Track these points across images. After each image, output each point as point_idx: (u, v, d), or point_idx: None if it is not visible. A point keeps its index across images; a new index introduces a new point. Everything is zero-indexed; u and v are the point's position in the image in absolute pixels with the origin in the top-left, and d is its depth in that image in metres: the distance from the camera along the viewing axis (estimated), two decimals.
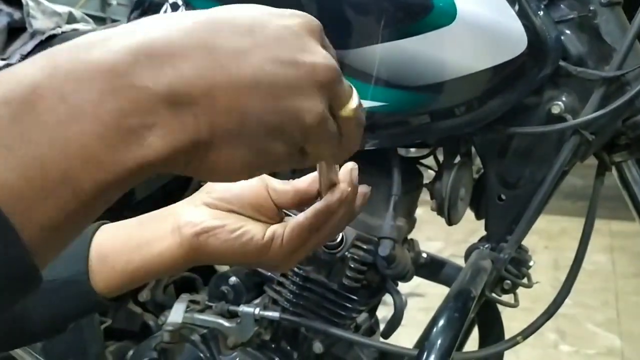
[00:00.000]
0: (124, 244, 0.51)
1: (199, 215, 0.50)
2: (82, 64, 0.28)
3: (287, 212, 0.52)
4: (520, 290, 0.83)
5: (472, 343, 0.97)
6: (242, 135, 0.32)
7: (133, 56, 0.29)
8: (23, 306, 0.49)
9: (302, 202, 0.50)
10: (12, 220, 0.25)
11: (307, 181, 0.50)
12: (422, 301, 2.40)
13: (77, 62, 0.28)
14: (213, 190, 0.51)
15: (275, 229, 0.49)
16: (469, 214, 0.86)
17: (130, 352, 0.89)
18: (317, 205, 0.47)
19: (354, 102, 0.38)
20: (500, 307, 0.89)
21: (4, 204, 0.25)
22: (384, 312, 0.91)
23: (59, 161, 0.26)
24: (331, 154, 0.39)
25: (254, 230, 0.49)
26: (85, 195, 0.27)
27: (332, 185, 0.47)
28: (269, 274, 0.83)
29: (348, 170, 0.49)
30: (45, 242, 0.27)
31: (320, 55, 0.34)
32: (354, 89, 0.38)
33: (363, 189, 0.51)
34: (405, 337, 0.94)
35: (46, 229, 0.27)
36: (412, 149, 0.90)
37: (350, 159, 0.59)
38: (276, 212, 0.51)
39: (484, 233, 0.82)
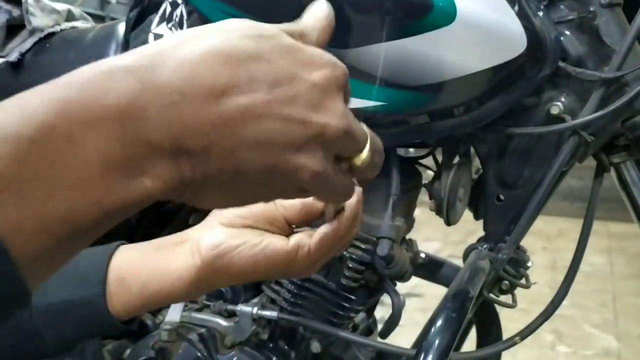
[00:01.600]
0: (142, 268, 0.51)
1: (218, 236, 0.50)
2: (92, 107, 0.28)
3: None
4: (518, 291, 0.83)
5: (470, 344, 0.97)
6: (232, 186, 0.33)
7: (140, 107, 0.29)
8: (35, 325, 0.50)
9: (309, 215, 0.51)
10: (8, 247, 0.26)
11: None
12: (420, 301, 2.40)
13: (87, 104, 0.28)
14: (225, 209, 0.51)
15: (299, 238, 0.49)
16: (468, 215, 0.86)
17: (128, 351, 0.89)
18: (342, 214, 0.48)
19: (366, 151, 0.37)
20: (498, 308, 0.89)
21: (2, 234, 0.25)
22: (382, 312, 0.91)
23: (61, 202, 0.27)
24: (336, 199, 0.40)
25: (276, 242, 0.49)
26: (82, 230, 0.28)
27: None
28: None
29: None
30: (39, 268, 0.28)
31: (334, 114, 0.34)
32: (368, 134, 0.38)
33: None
34: (403, 337, 0.94)
35: (40, 257, 0.27)
36: (411, 150, 0.90)
37: None
38: (287, 224, 0.52)
39: (482, 234, 0.82)
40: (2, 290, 0.26)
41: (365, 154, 0.37)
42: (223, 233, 0.50)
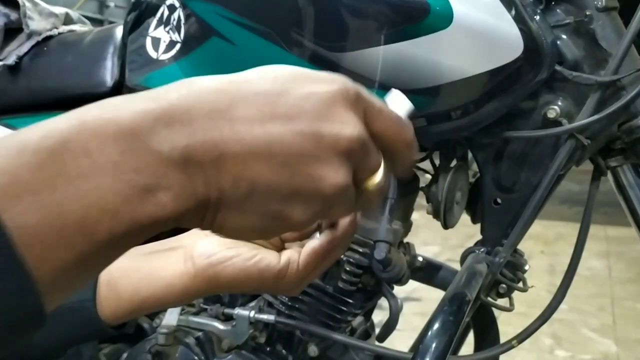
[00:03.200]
0: (133, 273, 0.51)
1: (212, 245, 0.50)
2: (107, 123, 0.29)
3: None
4: (516, 295, 0.83)
5: (468, 347, 0.97)
6: (251, 202, 0.33)
7: (153, 121, 0.30)
8: None
9: (303, 233, 0.51)
10: (27, 261, 0.26)
11: None
12: (418, 305, 2.40)
13: (103, 120, 0.29)
14: None
15: (290, 254, 0.49)
16: (466, 219, 0.86)
17: (125, 355, 0.89)
18: (334, 232, 0.47)
19: (378, 175, 0.36)
20: (496, 312, 0.89)
21: (21, 244, 0.26)
22: (380, 316, 0.91)
23: (77, 210, 0.28)
24: (344, 215, 0.39)
25: (269, 257, 0.49)
26: (99, 244, 0.29)
27: None
28: None
29: None
30: (56, 285, 0.28)
31: (346, 126, 0.34)
32: (382, 160, 0.37)
33: None
34: (401, 342, 0.94)
35: (58, 272, 0.28)
36: None
37: None
38: (279, 239, 0.52)
39: (480, 238, 0.82)
40: (18, 308, 0.26)
41: (379, 176, 0.36)
42: (217, 242, 0.50)
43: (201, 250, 0.50)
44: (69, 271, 0.28)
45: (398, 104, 0.40)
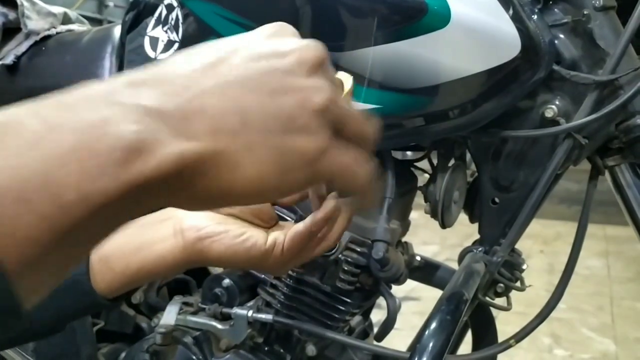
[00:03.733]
0: (124, 246, 0.52)
1: (201, 219, 0.51)
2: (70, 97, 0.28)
3: (283, 216, 0.53)
4: (515, 295, 0.83)
5: (466, 347, 0.97)
6: (250, 132, 0.30)
7: (125, 85, 0.29)
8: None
9: (300, 196, 0.51)
10: None
11: None
12: (417, 305, 2.40)
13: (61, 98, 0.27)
14: None
15: (277, 235, 0.50)
16: (465, 218, 0.86)
17: (123, 354, 0.89)
18: (316, 213, 0.47)
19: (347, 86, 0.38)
20: (495, 312, 0.89)
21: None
22: (379, 315, 0.91)
23: (36, 166, 0.24)
24: (358, 183, 0.36)
25: (257, 236, 0.49)
26: (69, 206, 0.25)
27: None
28: (263, 276, 0.82)
29: None
30: (31, 265, 0.25)
31: (307, 47, 0.34)
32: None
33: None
34: (400, 341, 0.94)
35: (30, 245, 0.24)
36: (409, 153, 0.90)
37: None
38: (273, 216, 0.53)
39: (479, 237, 0.82)
40: None
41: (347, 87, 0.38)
42: (207, 217, 0.51)
43: (190, 223, 0.51)
44: (41, 244, 0.24)
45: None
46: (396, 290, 0.86)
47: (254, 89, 0.31)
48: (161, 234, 0.52)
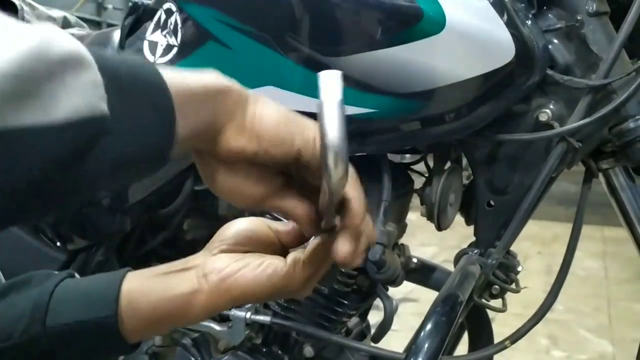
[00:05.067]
0: (151, 292, 0.53)
1: (221, 261, 0.52)
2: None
3: None
4: (512, 296, 0.83)
5: (463, 348, 0.98)
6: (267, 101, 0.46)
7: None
8: (50, 345, 0.51)
9: (301, 237, 0.52)
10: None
11: None
12: (415, 306, 2.41)
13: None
14: (225, 237, 0.53)
15: (294, 255, 0.51)
16: (463, 220, 0.87)
17: (122, 357, 0.89)
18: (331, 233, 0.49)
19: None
20: (492, 313, 0.90)
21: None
22: (377, 317, 0.92)
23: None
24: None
25: (276, 262, 0.51)
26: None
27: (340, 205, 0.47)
28: None
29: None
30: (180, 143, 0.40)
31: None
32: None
33: None
34: (398, 342, 0.94)
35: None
36: (405, 156, 0.91)
37: None
38: (282, 247, 0.54)
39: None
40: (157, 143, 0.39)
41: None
42: (226, 257, 0.52)
43: (212, 266, 0.51)
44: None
45: (329, 89, 0.41)
46: (395, 291, 0.87)
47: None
48: (184, 280, 0.52)
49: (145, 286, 0.53)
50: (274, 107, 0.46)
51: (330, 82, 0.41)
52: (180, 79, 0.41)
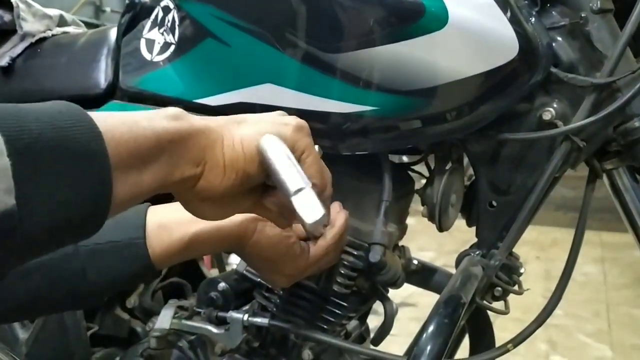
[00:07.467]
0: (183, 217, 0.56)
1: None
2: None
3: None
4: (511, 301, 0.82)
5: (464, 351, 0.97)
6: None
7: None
8: (81, 263, 0.55)
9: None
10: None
11: None
12: (413, 311, 2.40)
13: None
14: None
15: (304, 245, 0.58)
16: (461, 224, 0.86)
17: (117, 359, 0.88)
18: (333, 230, 0.61)
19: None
20: (492, 317, 0.88)
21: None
22: (376, 321, 0.90)
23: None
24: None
25: (298, 241, 0.59)
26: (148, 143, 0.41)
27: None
28: (258, 279, 0.82)
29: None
30: (124, 170, 0.39)
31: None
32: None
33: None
34: (396, 347, 0.93)
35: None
36: (405, 157, 0.90)
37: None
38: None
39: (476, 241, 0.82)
40: (92, 193, 0.36)
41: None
42: None
43: None
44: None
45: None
46: (393, 296, 0.86)
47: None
48: None
49: (180, 212, 0.55)
50: (253, 128, 0.47)
51: (277, 150, 0.47)
52: (128, 135, 0.38)
